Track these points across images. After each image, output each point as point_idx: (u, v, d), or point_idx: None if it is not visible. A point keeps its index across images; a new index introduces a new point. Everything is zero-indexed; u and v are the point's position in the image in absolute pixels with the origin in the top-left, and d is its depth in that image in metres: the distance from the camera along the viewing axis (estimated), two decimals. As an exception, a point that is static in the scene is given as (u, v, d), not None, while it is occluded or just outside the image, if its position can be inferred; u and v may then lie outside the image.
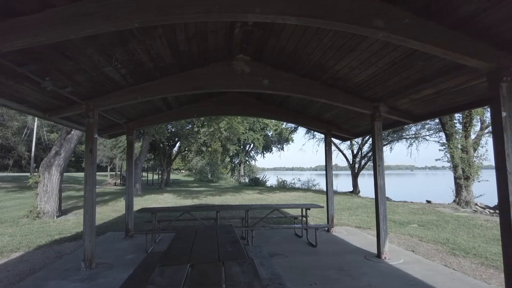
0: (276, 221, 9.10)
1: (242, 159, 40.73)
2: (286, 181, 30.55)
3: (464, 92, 4.78)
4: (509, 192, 3.20)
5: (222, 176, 44.00)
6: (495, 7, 2.85)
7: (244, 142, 36.62)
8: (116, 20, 2.92)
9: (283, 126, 35.62)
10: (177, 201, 16.15)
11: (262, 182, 31.93)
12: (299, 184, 29.69)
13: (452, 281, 4.63)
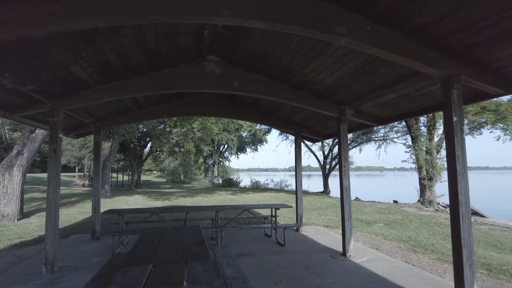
0: (247, 222, 9.17)
1: (216, 160, 40.53)
2: (259, 182, 30.72)
3: (423, 97, 5.05)
4: (458, 191, 3.44)
5: (195, 177, 43.57)
6: (445, 20, 3.06)
7: (218, 143, 36.52)
8: (81, 20, 2.87)
9: (257, 127, 35.83)
10: (148, 203, 15.86)
11: (236, 183, 31.94)
12: (272, 185, 29.96)
13: (411, 276, 4.88)
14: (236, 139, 34.81)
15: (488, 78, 3.74)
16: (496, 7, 2.71)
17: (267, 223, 7.89)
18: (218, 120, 26.10)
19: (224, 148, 41.01)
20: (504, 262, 5.62)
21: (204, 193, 21.56)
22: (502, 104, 14.70)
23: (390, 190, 35.96)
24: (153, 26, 4.15)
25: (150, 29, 4.21)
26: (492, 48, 3.29)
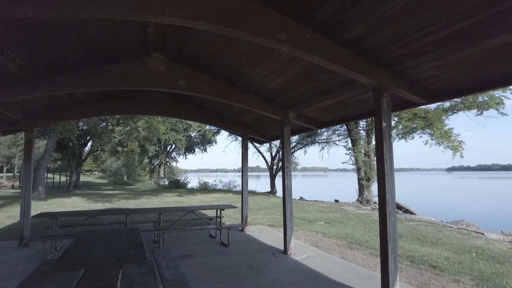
0: (192, 223, 9.06)
1: (162, 161, 39.31)
2: (207, 183, 30.45)
3: (358, 104, 5.42)
4: (385, 190, 3.77)
5: (140, 178, 41.89)
6: (375, 33, 3.34)
7: (165, 143, 35.46)
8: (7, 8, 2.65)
9: (206, 127, 35.46)
10: (86, 205, 14.93)
11: (183, 184, 31.30)
12: (221, 186, 29.86)
13: (346, 271, 5.21)
14: (184, 139, 34.11)
15: (413, 88, 4.15)
16: (417, 24, 3.03)
17: (212, 224, 7.87)
18: (166, 119, 25.39)
19: (172, 148, 39.96)
20: (425, 254, 6.23)
21: (148, 195, 20.85)
22: (430, 112, 16.23)
23: (332, 190, 37.78)
24: (95, 20, 3.96)
25: (90, 23, 4.00)
26: (414, 62, 3.65)
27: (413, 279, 4.89)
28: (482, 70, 3.57)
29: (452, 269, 5.35)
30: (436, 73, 3.77)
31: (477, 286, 4.63)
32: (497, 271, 5.24)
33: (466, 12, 2.72)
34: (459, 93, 4.23)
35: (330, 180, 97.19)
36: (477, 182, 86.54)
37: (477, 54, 3.26)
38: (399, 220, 11.04)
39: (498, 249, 7.01)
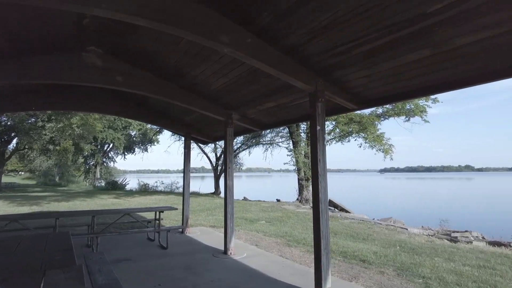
0: (129, 226, 8.71)
1: (98, 160, 36.97)
2: (148, 184, 29.34)
3: (297, 107, 5.67)
4: (319, 190, 4.00)
5: (74, 179, 38.92)
6: (311, 41, 3.54)
7: (102, 141, 33.40)
8: None
9: (148, 126, 34.11)
10: (9, 209, 13.51)
11: (121, 185, 29.78)
12: (162, 187, 28.97)
13: (283, 268, 5.40)
14: (123, 138, 32.48)
15: (345, 95, 4.46)
16: (347, 37, 3.28)
17: (150, 227, 7.63)
18: (103, 116, 23.98)
19: (109, 147, 37.78)
20: (356, 249, 6.71)
21: (82, 196, 19.52)
22: (364, 117, 17.45)
23: (275, 190, 38.72)
24: (20, 7, 3.64)
25: (16, 9, 3.67)
26: (345, 71, 3.94)
27: (344, 273, 5.22)
28: (405, 81, 3.96)
29: (379, 262, 5.83)
30: (365, 82, 4.10)
31: (398, 275, 5.10)
32: (415, 262, 5.83)
33: (390, 27, 3.01)
34: (385, 101, 4.64)
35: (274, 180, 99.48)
36: (405, 182, 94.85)
37: (400, 66, 3.62)
38: (335, 218, 11.71)
39: (417, 242, 7.78)
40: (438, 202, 32.00)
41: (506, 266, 5.75)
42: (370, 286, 4.62)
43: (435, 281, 4.84)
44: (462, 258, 6.28)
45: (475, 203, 31.18)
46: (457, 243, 8.52)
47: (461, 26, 2.75)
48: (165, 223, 9.67)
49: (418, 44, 3.15)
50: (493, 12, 2.52)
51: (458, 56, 3.22)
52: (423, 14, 2.72)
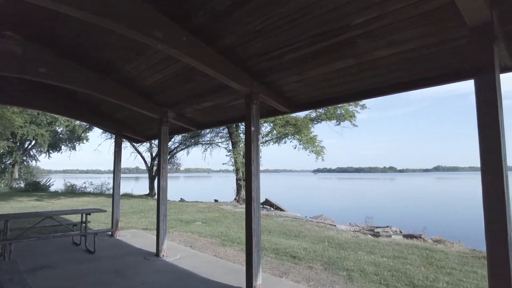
0: (52, 230, 7.99)
1: (17, 159, 33.16)
2: (75, 185, 27.17)
3: (234, 108, 5.73)
4: (252, 189, 4.09)
5: (-14, 180, 34.40)
6: (247, 44, 3.62)
7: (22, 138, 30.05)
8: None
9: (76, 122, 31.52)
10: None
11: (45, 186, 27.11)
12: (92, 188, 27.06)
13: (216, 268, 5.41)
14: (48, 135, 29.61)
15: (279, 98, 4.63)
16: (279, 42, 3.42)
17: (76, 230, 7.08)
18: (24, 110, 21.65)
19: (31, 144, 34.14)
20: (288, 246, 6.99)
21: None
22: (299, 120, 18.23)
23: (214, 190, 38.54)
24: None
25: None
26: (279, 75, 4.10)
27: (276, 270, 5.41)
28: (333, 87, 4.24)
29: (308, 257, 6.14)
30: (297, 86, 4.30)
31: (325, 269, 5.43)
32: (341, 256, 6.26)
33: (319, 36, 3.20)
34: (315, 105, 4.92)
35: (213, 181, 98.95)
36: (336, 182, 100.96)
37: (328, 73, 3.87)
38: (270, 217, 12.04)
39: (344, 238, 8.36)
40: (365, 200, 34.67)
41: (415, 255, 6.46)
42: (299, 281, 4.84)
43: (357, 272, 5.25)
44: (381, 250, 6.90)
45: (396, 200, 34.45)
46: (378, 238, 9.34)
47: (379, 40, 3.04)
48: (93, 226, 9.06)
49: (344, 54, 3.40)
50: (402, 31, 2.83)
51: (378, 67, 3.54)
52: (348, 26, 2.95)
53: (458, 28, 2.67)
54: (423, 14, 2.59)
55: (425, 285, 4.74)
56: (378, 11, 2.67)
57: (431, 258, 6.35)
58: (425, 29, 2.77)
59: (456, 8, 2.27)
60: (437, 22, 2.67)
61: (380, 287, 4.65)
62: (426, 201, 32.92)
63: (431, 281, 4.92)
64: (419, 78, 3.49)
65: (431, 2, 2.46)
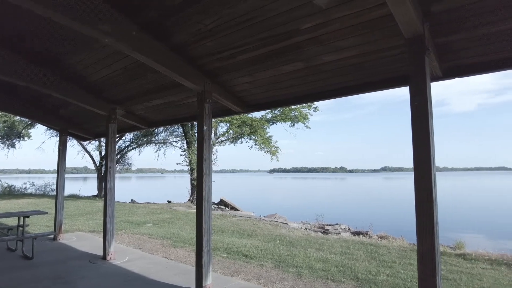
0: (-17, 235, 7.29)
1: None
2: (14, 186, 25.06)
3: (187, 106, 5.65)
4: (203, 188, 4.07)
5: None
6: (199, 43, 3.59)
7: None
8: None
9: (16, 118, 28.98)
10: None
11: (-29, 188, 24.68)
12: (33, 189, 25.13)
13: (166, 269, 5.30)
14: (-20, 131, 26.98)
15: (232, 98, 4.65)
16: (231, 43, 3.44)
17: (12, 235, 6.53)
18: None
19: (-40, 141, 30.81)
20: (241, 245, 7.04)
21: None
22: (255, 120, 18.42)
23: (168, 191, 37.63)
24: None
25: None
26: (231, 75, 4.12)
27: (227, 269, 5.42)
28: (283, 90, 4.35)
29: (260, 256, 6.24)
30: (249, 87, 4.36)
31: (275, 267, 5.55)
32: (291, 253, 6.44)
33: (269, 39, 3.27)
34: (267, 106, 4.99)
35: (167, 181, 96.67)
36: (290, 181, 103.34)
37: (279, 76, 3.96)
38: (225, 217, 12.03)
39: (295, 236, 8.59)
40: (317, 198, 35.89)
41: (361, 251, 6.83)
42: (250, 279, 4.90)
43: (306, 269, 5.43)
44: (329, 247, 7.20)
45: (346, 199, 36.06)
46: (328, 235, 9.73)
47: (326, 45, 3.18)
48: (34, 230, 8.43)
49: (293, 57, 3.51)
50: (347, 38, 2.99)
51: (326, 71, 3.70)
52: (297, 30, 3.05)
53: (395, 38, 2.88)
54: (364, 23, 2.76)
55: (368, 278, 5.02)
56: (324, 18, 2.79)
57: (375, 253, 6.74)
58: (367, 38, 2.95)
59: (394, 20, 2.45)
60: (377, 31, 2.85)
61: (327, 282, 4.85)
62: (375, 200, 34.89)
63: (373, 274, 5.23)
64: (363, 83, 3.70)
65: (371, 13, 2.62)
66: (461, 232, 13.78)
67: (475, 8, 2.51)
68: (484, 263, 6.18)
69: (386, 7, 2.44)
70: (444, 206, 24.46)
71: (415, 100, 2.54)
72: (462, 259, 6.51)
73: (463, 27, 2.73)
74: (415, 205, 2.53)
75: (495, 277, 5.22)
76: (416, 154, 2.52)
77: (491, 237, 13.60)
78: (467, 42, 2.94)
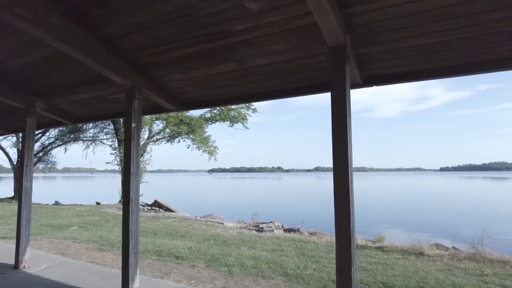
0: None
1: None
2: None
3: (116, 102, 5.35)
4: (130, 189, 3.90)
5: None
6: (129, 36, 3.44)
7: None
8: None
9: None
10: None
11: None
12: None
13: (90, 274, 4.97)
14: None
15: (164, 95, 4.52)
16: (163, 38, 3.36)
17: None
18: None
19: None
20: (173, 246, 6.88)
21: None
22: (194, 119, 18.12)
23: (97, 192, 35.31)
24: None
25: None
26: (163, 71, 4.02)
27: (157, 271, 5.26)
28: (217, 89, 4.36)
29: (192, 256, 6.16)
30: (183, 85, 4.29)
31: (207, 267, 5.53)
32: (224, 252, 6.47)
33: (202, 37, 3.26)
34: (201, 105, 4.93)
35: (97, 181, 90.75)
36: (229, 181, 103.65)
37: (213, 75, 3.96)
38: (158, 218, 11.64)
39: (230, 235, 8.65)
40: (255, 197, 36.52)
41: (291, 247, 7.13)
42: (180, 280, 4.82)
43: (237, 267, 5.50)
44: (262, 244, 7.38)
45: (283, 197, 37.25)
46: (262, 233, 9.96)
47: (258, 49, 3.27)
48: None
49: (227, 58, 3.54)
50: (277, 43, 3.12)
51: (258, 74, 3.80)
52: (230, 31, 3.09)
53: (321, 46, 3.07)
54: (293, 30, 2.90)
55: (296, 273, 5.26)
56: (256, 21, 2.87)
57: (304, 249, 7.08)
58: (296, 44, 3.10)
59: (319, 29, 2.61)
60: (305, 39, 3.02)
61: (257, 279, 4.97)
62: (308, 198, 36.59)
63: (301, 269, 5.49)
64: (292, 88, 3.88)
65: (298, 21, 2.76)
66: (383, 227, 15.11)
67: (389, 24, 2.79)
68: (397, 253, 6.86)
69: (312, 16, 2.58)
70: (369, 204, 26.58)
71: (336, 105, 2.73)
72: (380, 251, 7.14)
73: (379, 40, 3.02)
74: (334, 202, 2.73)
75: (405, 265, 5.83)
76: (336, 155, 2.72)
77: (407, 231, 15.12)
78: (383, 54, 3.24)
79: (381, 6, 2.58)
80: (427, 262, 6.15)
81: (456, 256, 6.53)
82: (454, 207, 26.54)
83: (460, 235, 10.03)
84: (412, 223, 17.68)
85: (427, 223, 17.76)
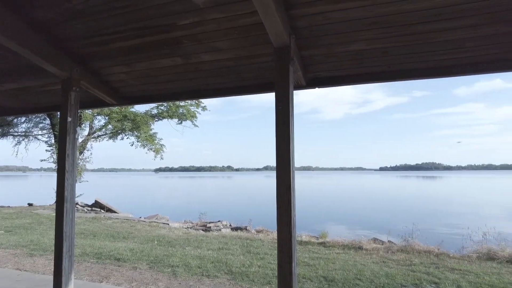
0: None
1: None
2: None
3: (50, 94, 4.95)
4: (65, 187, 3.64)
5: None
6: (67, 24, 3.20)
7: None
8: None
9: None
10: None
11: None
12: None
13: (17, 282, 4.56)
14: None
15: (104, 89, 4.28)
16: (105, 28, 3.18)
17: None
18: None
19: None
20: (113, 248, 6.55)
21: None
22: (139, 115, 17.39)
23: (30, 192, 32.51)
24: None
25: None
26: (104, 63, 3.81)
27: (96, 275, 4.98)
28: (161, 84, 4.22)
29: (134, 258, 5.92)
30: (124, 78, 4.09)
31: (150, 268, 5.36)
32: (168, 253, 6.31)
33: (144, 29, 3.13)
34: (143, 100, 4.71)
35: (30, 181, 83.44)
36: (176, 181, 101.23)
37: (156, 69, 3.83)
38: (98, 220, 11.00)
39: (175, 235, 8.45)
40: (203, 197, 36.11)
41: (237, 245, 7.17)
42: (120, 283, 4.62)
43: (182, 268, 5.40)
44: (208, 244, 7.32)
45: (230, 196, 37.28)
46: (209, 232, 9.88)
47: (204, 44, 3.23)
48: None
49: (171, 52, 3.45)
50: (223, 40, 3.11)
51: (205, 70, 3.75)
52: (175, 25, 3.01)
53: (267, 46, 3.12)
54: (239, 28, 2.91)
55: (241, 271, 5.30)
56: (201, 17, 2.83)
57: (250, 246, 7.16)
58: (241, 42, 3.12)
59: (265, 29, 2.65)
60: (251, 38, 3.05)
61: (202, 278, 4.93)
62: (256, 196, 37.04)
63: (246, 267, 5.55)
64: (238, 86, 3.89)
65: (244, 19, 2.79)
66: (327, 224, 15.80)
67: (331, 28, 2.92)
68: (338, 248, 7.23)
69: (258, 16, 2.62)
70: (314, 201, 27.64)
71: (279, 105, 2.80)
72: (322, 246, 7.47)
73: (321, 43, 3.15)
74: (276, 198, 2.79)
75: (344, 259, 6.17)
76: (279, 152, 2.78)
77: (349, 227, 15.98)
78: (325, 57, 3.39)
79: (324, 10, 2.69)
80: (365, 255, 6.56)
81: (390, 249, 7.06)
82: (391, 203, 28.68)
83: (395, 229, 10.84)
84: (353, 220, 18.73)
85: (367, 219, 18.94)
